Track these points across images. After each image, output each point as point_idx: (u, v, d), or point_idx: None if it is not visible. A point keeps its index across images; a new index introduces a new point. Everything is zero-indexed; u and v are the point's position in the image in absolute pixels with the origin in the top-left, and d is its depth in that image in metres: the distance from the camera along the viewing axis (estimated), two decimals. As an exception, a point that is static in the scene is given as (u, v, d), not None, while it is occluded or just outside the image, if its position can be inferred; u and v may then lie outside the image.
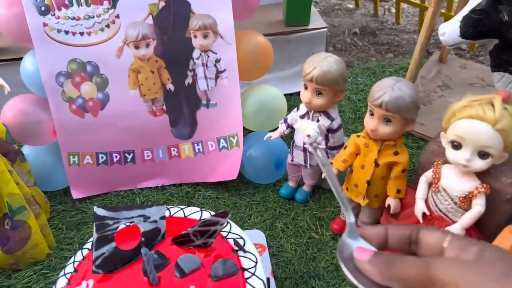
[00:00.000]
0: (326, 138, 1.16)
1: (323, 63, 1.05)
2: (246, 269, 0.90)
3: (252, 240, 1.18)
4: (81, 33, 1.20)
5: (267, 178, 1.34)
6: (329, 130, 1.15)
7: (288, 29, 1.67)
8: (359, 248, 0.40)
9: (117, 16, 1.20)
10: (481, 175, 0.92)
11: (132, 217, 0.93)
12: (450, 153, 0.91)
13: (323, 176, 1.19)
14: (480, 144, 0.86)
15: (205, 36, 1.25)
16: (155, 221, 0.95)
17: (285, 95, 1.43)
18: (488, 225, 0.95)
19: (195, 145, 1.34)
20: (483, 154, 0.87)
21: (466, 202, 0.92)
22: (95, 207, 0.89)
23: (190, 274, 0.88)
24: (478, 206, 0.91)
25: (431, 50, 2.05)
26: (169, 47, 1.25)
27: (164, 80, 1.27)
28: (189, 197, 1.34)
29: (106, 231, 0.90)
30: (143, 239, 0.91)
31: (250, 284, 0.87)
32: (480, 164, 0.88)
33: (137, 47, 1.23)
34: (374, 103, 0.97)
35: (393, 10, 2.45)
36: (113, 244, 0.90)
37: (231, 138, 1.32)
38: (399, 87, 0.96)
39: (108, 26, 1.21)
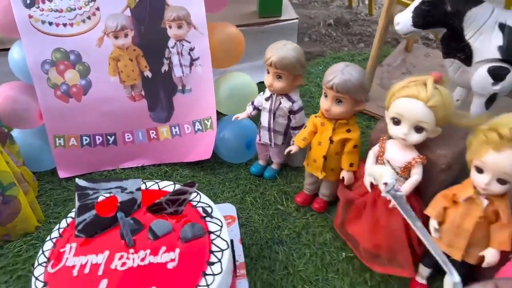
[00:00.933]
0: (288, 119, 1.28)
1: (281, 49, 1.17)
2: (212, 232, 1.02)
3: (224, 212, 1.31)
4: (64, 24, 1.30)
5: (239, 157, 1.46)
6: (291, 112, 1.26)
7: (261, 20, 1.78)
8: None
9: (97, 9, 1.31)
10: (419, 148, 1.05)
11: (110, 188, 1.05)
12: (391, 128, 1.03)
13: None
14: (415, 119, 0.98)
15: (180, 27, 1.36)
16: (131, 192, 1.07)
17: (259, 83, 1.55)
18: (427, 193, 1.07)
19: (172, 128, 1.45)
20: (418, 129, 0.99)
21: (406, 171, 1.04)
22: (76, 179, 1.01)
23: (163, 237, 1.00)
24: (416, 175, 1.03)
25: (399, 40, 2.17)
26: (146, 37, 1.36)
27: (142, 68, 1.38)
28: (168, 176, 1.45)
29: (87, 200, 1.02)
30: (119, 205, 1.02)
31: (215, 244, 0.99)
32: (416, 137, 1.00)
33: (116, 37, 1.34)
34: (326, 85, 1.09)
35: (367, 2, 2.57)
36: (94, 212, 1.02)
37: (206, 121, 1.43)
38: (348, 71, 1.08)
39: (89, 17, 1.31)
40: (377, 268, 1.09)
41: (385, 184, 0.88)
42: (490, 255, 0.94)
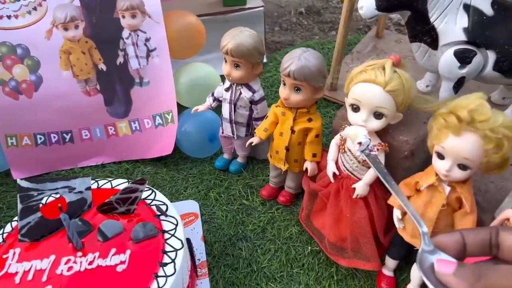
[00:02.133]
0: (250, 110, 1.23)
1: (237, 36, 1.11)
2: (167, 231, 0.97)
3: (186, 209, 1.26)
4: (8, 16, 1.22)
5: (203, 152, 1.40)
6: (252, 102, 1.21)
7: (226, 9, 1.72)
8: (440, 260, 0.38)
9: (44, -1, 1.24)
10: (381, 135, 1.01)
11: (57, 188, 0.98)
12: (350, 115, 0.98)
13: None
14: (374, 105, 0.93)
15: (133, 16, 1.29)
16: (80, 192, 1.01)
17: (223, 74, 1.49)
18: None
19: (132, 123, 1.39)
20: (378, 114, 0.95)
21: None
22: (18, 180, 0.94)
23: (113, 238, 0.94)
24: (378, 163, 0.99)
25: (371, 26, 2.13)
26: (98, 28, 1.29)
27: (95, 60, 1.32)
28: (129, 174, 1.39)
29: (31, 202, 0.95)
30: (64, 207, 0.96)
31: (169, 244, 0.94)
32: (376, 124, 0.96)
33: (66, 29, 1.27)
34: (283, 72, 1.04)
35: (339, -11, 2.52)
36: (39, 214, 0.95)
37: (166, 115, 1.37)
38: (305, 57, 1.02)
39: (35, 8, 1.24)
40: (342, 261, 1.05)
41: (359, 143, 0.84)
42: None
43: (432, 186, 0.90)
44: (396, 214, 0.96)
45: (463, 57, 1.22)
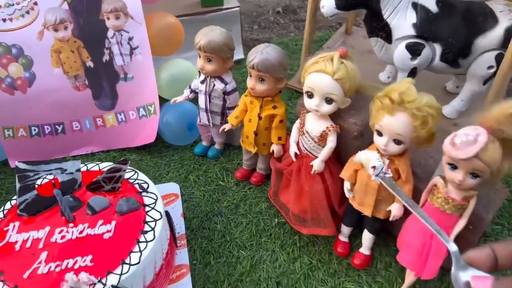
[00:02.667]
0: (224, 100, 1.37)
1: (209, 34, 1.25)
2: (147, 205, 1.11)
3: (168, 190, 1.40)
4: (4, 20, 1.36)
5: (183, 139, 1.54)
6: (225, 93, 1.35)
7: (204, 9, 1.86)
8: (475, 277, 0.39)
9: (35, 3, 1.38)
10: (334, 118, 1.15)
11: (51, 170, 1.12)
12: (306, 101, 1.13)
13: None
14: (324, 92, 1.08)
15: (117, 18, 1.43)
16: (71, 173, 1.15)
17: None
18: (346, 159, 1.18)
19: (118, 115, 1.53)
20: (328, 100, 1.09)
21: (322, 140, 1.15)
22: (16, 162, 1.08)
23: (100, 212, 1.09)
24: (331, 143, 1.14)
25: (343, 23, 2.28)
26: (85, 29, 1.43)
27: (84, 58, 1.45)
28: (116, 161, 1.52)
29: (28, 181, 1.09)
30: (53, 183, 1.10)
31: (149, 216, 1.08)
32: (327, 108, 1.10)
33: (56, 30, 1.40)
34: (248, 65, 1.18)
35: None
36: (35, 192, 1.10)
37: (149, 107, 1.51)
38: (267, 51, 1.17)
39: (28, 12, 1.37)
40: (304, 230, 1.20)
41: (373, 167, 0.87)
42: (395, 209, 1.05)
43: (374, 160, 1.05)
44: (346, 185, 1.11)
45: (413, 50, 1.37)
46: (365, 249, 1.16)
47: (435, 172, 1.06)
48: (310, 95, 1.11)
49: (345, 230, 1.19)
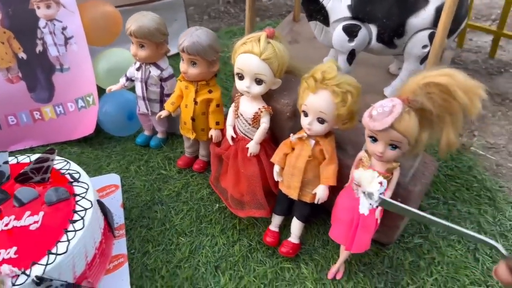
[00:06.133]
0: (161, 87, 1.36)
1: (140, 19, 1.23)
2: (78, 194, 1.08)
3: (108, 182, 1.37)
4: None
5: (124, 130, 1.52)
6: (161, 79, 1.34)
7: (147, -1, 1.83)
8: None
9: (-41, -7, 1.32)
10: (267, 99, 1.15)
11: (-25, 163, 1.08)
12: (237, 83, 1.12)
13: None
14: (253, 72, 1.07)
15: (48, 7, 1.39)
16: (-2, 166, 1.11)
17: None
18: (280, 140, 1.18)
19: (56, 107, 1.49)
20: (258, 81, 1.09)
21: (256, 122, 1.15)
22: None
23: (28, 203, 1.06)
24: (264, 124, 1.14)
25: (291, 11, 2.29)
26: (15, 19, 1.38)
27: (15, 50, 1.41)
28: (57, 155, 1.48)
29: (-50, 176, 1.05)
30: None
31: (79, 205, 1.06)
32: (258, 89, 1.10)
33: (-17, 21, 1.35)
34: (179, 48, 1.17)
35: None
36: (-42, 187, 1.05)
37: (88, 98, 1.48)
38: (197, 34, 1.16)
39: (-49, 2, 1.32)
40: (240, 213, 1.19)
41: (381, 183, 0.89)
42: (320, 191, 1.06)
43: (302, 141, 1.06)
44: (276, 169, 1.11)
45: (350, 32, 1.38)
46: (293, 238, 1.16)
47: (363, 147, 1.08)
48: (241, 77, 1.11)
49: (276, 219, 1.18)
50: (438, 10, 1.31)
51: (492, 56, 1.97)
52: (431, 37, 1.34)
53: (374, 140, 0.91)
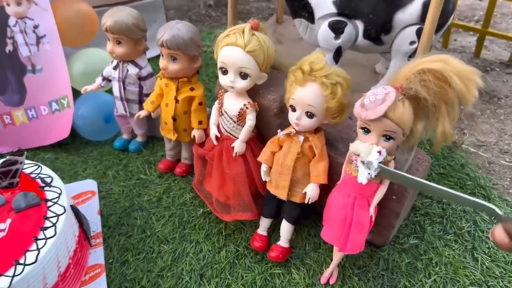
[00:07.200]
0: (140, 86, 1.28)
1: (116, 14, 1.17)
2: (50, 200, 1.00)
3: (83, 188, 1.29)
4: None
5: (101, 134, 1.43)
6: (140, 78, 1.27)
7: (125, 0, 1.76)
8: None
9: None
10: (252, 96, 1.09)
11: None
12: (220, 78, 1.06)
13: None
14: (237, 66, 1.01)
15: (18, 4, 1.31)
16: (-38, 172, 1.01)
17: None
18: (267, 138, 1.12)
19: (28, 111, 1.40)
20: (243, 75, 1.03)
21: (241, 119, 1.08)
22: None
23: (-6, 211, 0.96)
24: (249, 121, 1.07)
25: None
26: (-18, 16, 1.30)
27: (-18, 49, 1.32)
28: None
29: None
30: None
31: (51, 211, 0.97)
32: (243, 84, 1.04)
33: None
34: (158, 43, 1.10)
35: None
36: None
37: (62, 100, 1.40)
38: (178, 27, 1.10)
39: None
40: (226, 217, 1.12)
41: (379, 152, 0.83)
42: (310, 190, 0.99)
43: (290, 138, 1.00)
44: (263, 168, 1.04)
45: (336, 28, 1.34)
46: (283, 241, 1.09)
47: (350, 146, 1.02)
48: (224, 71, 1.05)
49: (264, 222, 1.11)
50: (425, 5, 1.27)
51: (478, 56, 1.96)
52: (418, 32, 1.30)
53: (367, 131, 0.86)
